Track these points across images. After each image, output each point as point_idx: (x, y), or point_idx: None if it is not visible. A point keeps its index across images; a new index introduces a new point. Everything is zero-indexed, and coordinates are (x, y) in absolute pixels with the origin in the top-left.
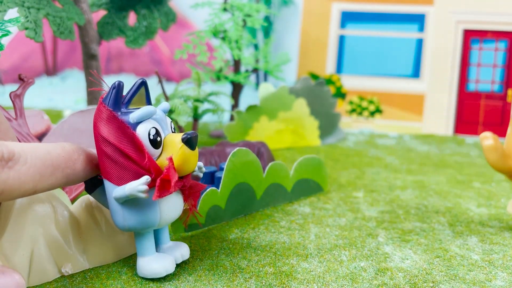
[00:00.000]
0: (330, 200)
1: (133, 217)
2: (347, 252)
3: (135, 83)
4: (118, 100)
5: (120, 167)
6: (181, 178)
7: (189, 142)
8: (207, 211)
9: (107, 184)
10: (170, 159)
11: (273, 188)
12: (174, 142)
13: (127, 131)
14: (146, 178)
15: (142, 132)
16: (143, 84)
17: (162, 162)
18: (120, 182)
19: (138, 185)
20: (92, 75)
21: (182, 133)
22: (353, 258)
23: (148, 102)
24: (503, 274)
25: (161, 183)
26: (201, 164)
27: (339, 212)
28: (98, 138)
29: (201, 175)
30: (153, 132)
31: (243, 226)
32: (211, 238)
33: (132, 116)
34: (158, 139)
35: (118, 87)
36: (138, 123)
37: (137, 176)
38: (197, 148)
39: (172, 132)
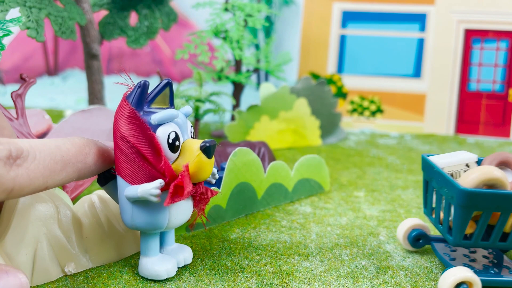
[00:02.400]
0: (331, 199)
1: (142, 217)
2: (348, 251)
3: (160, 83)
4: (142, 99)
5: (135, 166)
6: (194, 184)
7: (207, 150)
8: (208, 210)
9: (120, 180)
10: (186, 167)
11: (274, 188)
12: (192, 149)
13: (147, 132)
14: (159, 182)
15: (162, 134)
16: (168, 84)
17: (178, 166)
18: (133, 181)
19: (151, 189)
20: (92, 75)
21: (201, 140)
22: (354, 257)
23: (171, 103)
24: None
25: (174, 189)
26: (215, 170)
27: (340, 212)
28: (117, 134)
29: (213, 181)
30: (172, 136)
31: (244, 225)
32: (212, 237)
33: (154, 118)
34: (177, 143)
35: (144, 86)
36: (159, 125)
37: (151, 178)
38: (213, 157)
39: (191, 137)
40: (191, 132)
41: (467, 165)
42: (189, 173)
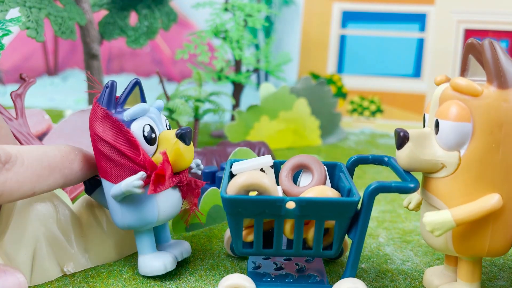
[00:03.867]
0: None
1: (132, 214)
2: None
3: (129, 84)
4: (112, 99)
5: (116, 165)
6: (177, 174)
7: (183, 137)
8: (208, 210)
9: (105, 183)
10: (164, 153)
11: None
12: (168, 138)
13: (121, 128)
14: (141, 174)
15: (137, 129)
16: (137, 84)
17: (158, 158)
18: (117, 180)
19: (133, 181)
20: (92, 75)
21: (176, 129)
22: None
23: (143, 101)
24: (505, 274)
25: (155, 178)
26: (198, 161)
27: None
28: (94, 137)
29: (199, 172)
30: (147, 129)
31: None
32: (212, 237)
33: (126, 114)
34: (153, 135)
35: (111, 86)
36: (132, 120)
37: (133, 173)
38: (192, 144)
39: (167, 129)
40: (166, 125)
41: (262, 170)
42: (167, 159)
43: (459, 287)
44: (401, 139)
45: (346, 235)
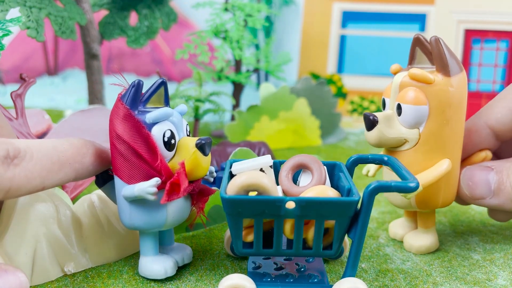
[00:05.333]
0: None
1: (140, 216)
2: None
3: (155, 83)
4: (136, 99)
5: (131, 166)
6: (191, 182)
7: (203, 147)
8: (208, 211)
9: (117, 181)
10: (182, 164)
11: None
12: (187, 146)
13: (142, 130)
14: (156, 180)
15: (157, 133)
16: (163, 84)
17: (174, 165)
18: (130, 180)
19: (147, 187)
20: (92, 75)
21: (197, 138)
22: None
23: (166, 102)
24: (504, 273)
25: (170, 187)
26: (212, 168)
27: None
28: (113, 134)
29: (211, 179)
30: (168, 134)
31: None
32: (212, 238)
33: (149, 116)
34: (172, 141)
35: (138, 86)
36: (154, 123)
37: (148, 177)
38: (210, 154)
39: (187, 135)
40: (187, 130)
41: (261, 170)
42: (185, 170)
43: (421, 233)
44: (371, 122)
45: (346, 235)
